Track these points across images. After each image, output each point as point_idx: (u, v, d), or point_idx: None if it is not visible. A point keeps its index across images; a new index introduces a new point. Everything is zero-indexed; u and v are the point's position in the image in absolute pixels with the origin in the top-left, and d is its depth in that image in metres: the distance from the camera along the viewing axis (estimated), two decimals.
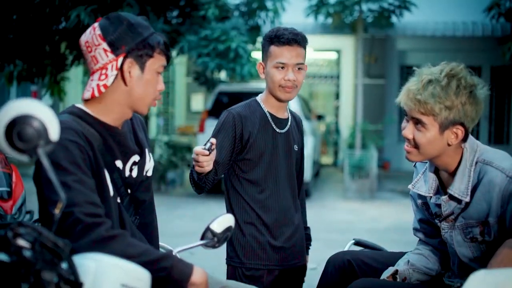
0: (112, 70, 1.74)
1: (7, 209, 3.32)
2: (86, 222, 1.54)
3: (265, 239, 2.45)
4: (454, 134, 1.93)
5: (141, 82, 1.77)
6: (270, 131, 2.47)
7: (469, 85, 1.92)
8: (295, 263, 2.52)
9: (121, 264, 1.33)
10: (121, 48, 1.73)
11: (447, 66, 1.95)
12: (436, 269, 2.18)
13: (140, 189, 1.89)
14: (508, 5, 9.71)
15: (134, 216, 1.87)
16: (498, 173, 1.90)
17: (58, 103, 13.40)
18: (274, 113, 2.50)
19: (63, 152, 1.61)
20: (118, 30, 1.74)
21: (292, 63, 2.39)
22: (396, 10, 10.57)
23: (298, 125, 2.64)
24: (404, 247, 2.64)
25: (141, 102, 1.80)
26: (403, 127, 2.02)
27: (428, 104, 1.89)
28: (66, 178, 1.58)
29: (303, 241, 2.60)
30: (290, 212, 2.50)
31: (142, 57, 1.76)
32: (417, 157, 2.00)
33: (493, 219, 1.92)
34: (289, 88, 2.41)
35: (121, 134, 1.82)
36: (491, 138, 13.47)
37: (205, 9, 8.74)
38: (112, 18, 1.77)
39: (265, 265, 2.46)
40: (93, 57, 1.75)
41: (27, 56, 8.56)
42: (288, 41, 2.39)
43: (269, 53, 2.43)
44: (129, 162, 1.85)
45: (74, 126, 1.69)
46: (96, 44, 1.74)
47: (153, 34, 1.79)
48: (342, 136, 13.35)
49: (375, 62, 13.46)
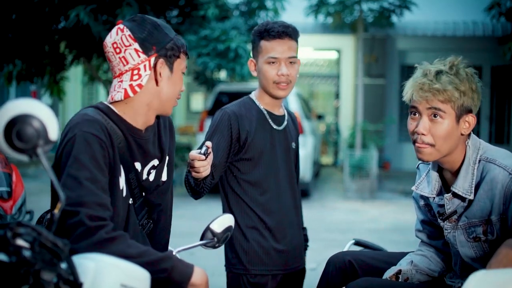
0: (146, 70, 1.75)
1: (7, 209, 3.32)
2: (88, 226, 1.54)
3: (269, 244, 2.37)
4: (467, 123, 1.95)
5: (170, 83, 1.79)
6: (268, 129, 2.39)
7: (472, 74, 1.96)
8: (296, 267, 2.47)
9: (120, 264, 1.33)
10: (152, 48, 1.74)
11: (446, 59, 1.98)
12: (439, 271, 2.18)
13: (155, 192, 1.88)
14: (508, 4, 9.70)
15: (147, 219, 1.86)
16: (501, 171, 1.90)
17: (57, 102, 13.40)
18: (270, 110, 2.42)
19: (84, 146, 1.61)
20: (147, 31, 1.75)
21: (284, 57, 2.31)
22: (396, 10, 10.57)
23: (294, 122, 2.56)
24: (404, 247, 2.64)
25: (168, 102, 1.82)
26: (412, 125, 1.97)
27: (447, 91, 1.89)
28: (80, 173, 1.58)
29: (303, 243, 2.54)
30: (291, 213, 2.44)
31: (171, 57, 1.78)
32: (432, 156, 1.95)
33: (496, 217, 1.92)
34: (283, 84, 2.33)
35: (144, 138, 1.82)
36: (491, 137, 13.47)
37: (205, 9, 8.73)
38: (138, 19, 1.78)
39: (270, 270, 2.38)
40: (122, 58, 1.75)
41: (26, 56, 8.55)
42: (278, 34, 2.30)
43: (260, 48, 2.35)
44: (148, 165, 1.85)
45: (99, 120, 1.69)
46: (126, 45, 1.74)
47: (177, 35, 1.82)
48: (342, 136, 13.35)
49: (375, 62, 13.45)
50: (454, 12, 12.52)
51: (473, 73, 1.98)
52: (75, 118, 1.69)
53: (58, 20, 8.32)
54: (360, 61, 10.91)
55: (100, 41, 7.69)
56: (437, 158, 1.96)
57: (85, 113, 1.71)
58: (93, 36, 7.58)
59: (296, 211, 2.49)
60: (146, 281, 1.37)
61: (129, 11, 7.39)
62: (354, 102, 13.20)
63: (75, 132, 1.63)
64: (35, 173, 11.66)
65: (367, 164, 9.98)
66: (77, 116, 1.70)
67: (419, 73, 1.96)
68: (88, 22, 7.33)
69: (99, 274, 1.29)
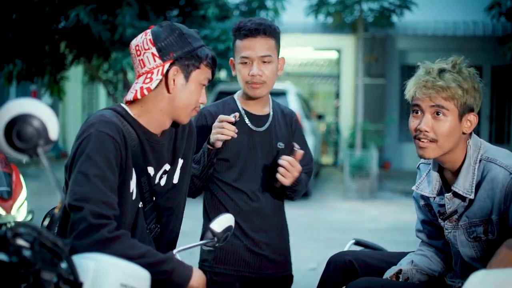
0: (157, 75, 1.75)
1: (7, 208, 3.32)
2: (91, 223, 1.54)
3: (241, 244, 2.28)
4: (469, 122, 1.95)
5: (184, 91, 1.79)
6: (245, 130, 2.30)
7: (474, 73, 1.97)
8: (276, 273, 2.36)
9: (120, 264, 1.33)
10: (169, 54, 1.75)
11: (448, 59, 1.99)
12: (439, 271, 2.18)
13: (165, 197, 1.87)
14: (508, 4, 9.70)
15: (155, 224, 1.86)
16: (502, 170, 1.91)
17: (57, 102, 13.40)
18: (250, 110, 2.33)
19: (98, 144, 1.62)
20: (169, 37, 1.76)
21: (256, 56, 2.21)
22: (396, 10, 10.57)
23: (286, 120, 2.42)
24: (405, 247, 2.64)
25: (182, 111, 1.81)
26: (414, 123, 1.97)
27: (451, 88, 1.90)
28: (90, 170, 1.59)
29: (287, 248, 2.43)
30: (272, 217, 2.34)
31: (189, 66, 1.78)
32: (434, 152, 1.95)
33: (496, 217, 1.92)
34: (256, 84, 2.24)
35: (158, 142, 1.82)
36: (491, 137, 13.47)
37: (205, 9, 8.72)
38: (165, 26, 1.80)
39: (236, 271, 2.29)
40: (141, 61, 1.77)
41: (26, 56, 8.55)
42: (250, 32, 2.20)
43: (235, 48, 2.27)
44: (161, 170, 1.85)
45: (115, 122, 1.70)
46: (145, 48, 1.76)
47: (203, 46, 1.82)
48: (342, 136, 13.35)
49: (375, 62, 13.45)
50: (454, 12, 12.52)
51: (475, 73, 1.99)
52: (92, 118, 1.71)
53: (58, 20, 8.32)
54: (360, 61, 10.90)
55: (100, 41, 7.69)
56: (439, 154, 1.96)
57: (102, 114, 1.73)
58: (93, 36, 7.58)
59: (278, 215, 2.39)
60: (146, 281, 1.37)
61: (129, 11, 7.38)
62: (354, 102, 13.20)
63: (91, 131, 1.65)
64: (35, 173, 11.66)
65: (367, 164, 9.98)
66: (94, 116, 1.72)
67: (422, 71, 1.96)
68: (88, 22, 7.32)
69: (99, 273, 1.28)
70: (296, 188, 2.32)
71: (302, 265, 5.31)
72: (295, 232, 7.49)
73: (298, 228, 7.23)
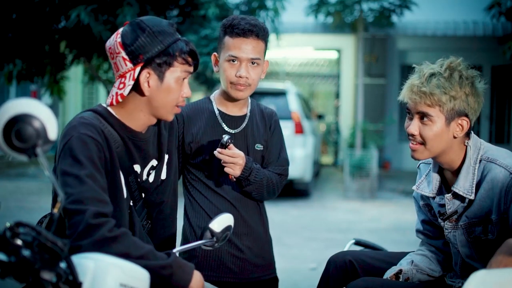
0: (129, 80, 1.72)
1: None
2: (90, 223, 1.53)
3: (222, 249, 2.21)
4: (460, 126, 1.94)
5: (160, 92, 1.75)
6: (219, 132, 2.23)
7: (470, 77, 1.95)
8: (259, 277, 2.30)
9: (120, 263, 1.32)
10: (139, 57, 1.71)
11: (446, 60, 1.98)
12: (439, 270, 2.18)
13: (154, 193, 1.87)
14: (508, 4, 9.71)
15: (146, 220, 1.86)
16: (502, 170, 1.91)
17: (57, 102, 13.41)
18: (225, 111, 2.26)
19: (81, 146, 1.62)
20: (138, 39, 1.71)
21: (246, 57, 2.14)
22: (396, 10, 10.58)
23: (265, 120, 2.34)
24: (405, 247, 2.64)
25: (163, 110, 1.78)
26: (407, 125, 2.00)
27: (434, 95, 1.89)
28: (81, 171, 1.59)
29: (270, 251, 2.37)
30: (252, 220, 2.29)
31: (162, 66, 1.73)
32: (424, 154, 1.97)
33: (496, 217, 1.92)
34: (241, 86, 2.17)
35: (143, 139, 1.81)
36: (492, 137, 13.48)
37: (205, 9, 8.73)
38: (134, 25, 1.74)
39: (218, 276, 2.23)
40: (115, 64, 1.76)
41: (26, 55, 8.56)
42: (243, 32, 2.13)
43: (223, 44, 2.18)
44: (147, 166, 1.84)
45: (95, 123, 1.69)
46: (116, 52, 1.73)
47: (176, 41, 1.74)
48: (342, 136, 13.35)
49: (375, 62, 13.46)
50: (455, 12, 12.53)
51: (474, 75, 1.96)
52: (72, 121, 1.70)
53: (59, 20, 8.33)
54: (360, 61, 10.91)
55: (100, 41, 7.69)
56: (429, 156, 1.99)
57: (82, 116, 1.72)
58: (93, 36, 7.59)
59: (259, 218, 2.33)
60: (145, 280, 1.36)
61: (130, 11, 7.39)
62: (354, 101, 13.20)
63: (72, 134, 1.65)
64: (35, 173, 11.66)
65: (367, 164, 9.98)
66: (74, 119, 1.72)
67: (415, 74, 1.97)
68: (89, 22, 7.33)
69: (98, 273, 1.28)
70: (251, 179, 2.19)
71: (302, 265, 5.32)
72: (295, 232, 7.50)
73: (298, 228, 7.24)
